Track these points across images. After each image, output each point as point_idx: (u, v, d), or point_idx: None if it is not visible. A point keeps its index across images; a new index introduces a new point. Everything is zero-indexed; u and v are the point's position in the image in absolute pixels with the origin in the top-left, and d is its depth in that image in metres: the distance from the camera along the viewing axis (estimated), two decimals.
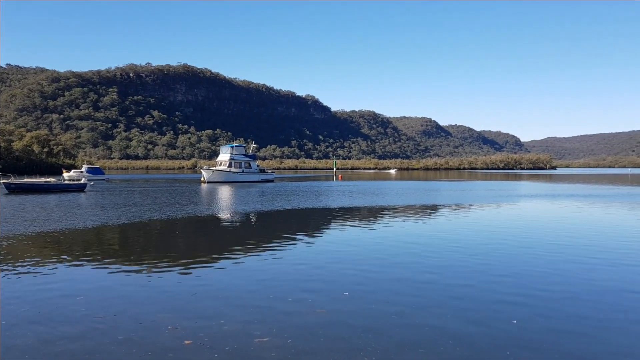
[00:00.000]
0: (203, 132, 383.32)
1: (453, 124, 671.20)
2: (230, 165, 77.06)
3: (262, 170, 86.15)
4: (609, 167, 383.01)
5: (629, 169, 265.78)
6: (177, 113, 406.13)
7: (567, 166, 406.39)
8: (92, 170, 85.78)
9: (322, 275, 12.14)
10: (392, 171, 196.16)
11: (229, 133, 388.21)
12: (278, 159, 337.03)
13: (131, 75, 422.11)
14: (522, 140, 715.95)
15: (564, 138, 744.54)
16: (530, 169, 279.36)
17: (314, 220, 24.90)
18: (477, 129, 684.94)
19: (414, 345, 7.45)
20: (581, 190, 54.11)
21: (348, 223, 23.28)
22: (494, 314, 8.97)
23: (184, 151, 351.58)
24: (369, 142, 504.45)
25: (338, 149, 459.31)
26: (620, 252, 15.44)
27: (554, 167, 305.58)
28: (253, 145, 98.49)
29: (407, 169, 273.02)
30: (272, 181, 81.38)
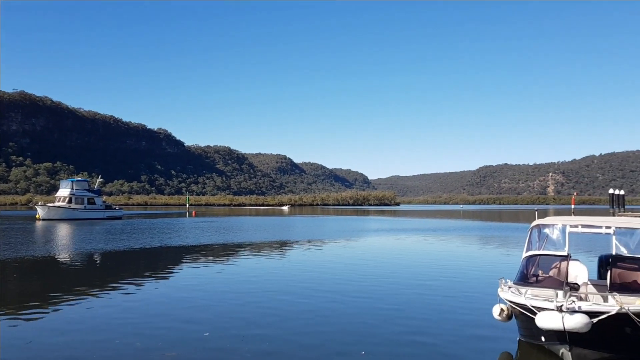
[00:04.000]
0: (41, 164, 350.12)
1: (307, 161, 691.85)
2: (70, 201, 71.03)
3: (109, 207, 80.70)
4: (445, 203, 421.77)
5: (461, 206, 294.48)
6: (10, 144, 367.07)
7: (409, 202, 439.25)
8: None
9: (172, 316, 11.53)
10: (285, 208, 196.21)
11: (70, 166, 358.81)
12: (126, 194, 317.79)
13: None
14: (369, 178, 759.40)
15: (406, 177, 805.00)
16: (377, 205, 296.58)
17: (164, 260, 23.83)
18: (329, 166, 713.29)
19: None
20: (422, 225, 58.87)
21: (201, 261, 22.63)
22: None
23: (17, 185, 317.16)
24: (224, 178, 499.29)
25: (192, 185, 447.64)
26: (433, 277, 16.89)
27: (398, 204, 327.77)
28: (99, 180, 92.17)
29: (262, 205, 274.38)
30: (120, 218, 76.44)
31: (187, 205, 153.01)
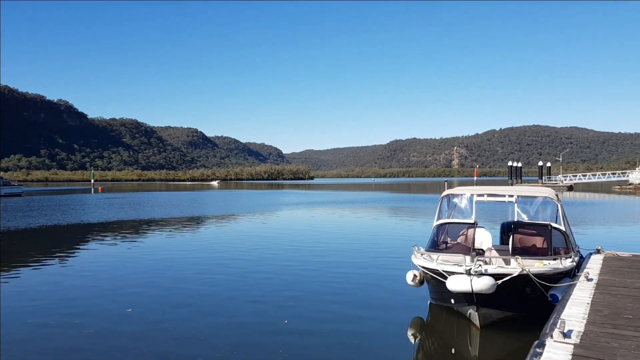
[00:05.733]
0: None
1: (219, 135, 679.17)
2: None
3: (7, 183, 75.12)
4: (357, 176, 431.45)
5: (373, 179, 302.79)
6: None
7: (323, 176, 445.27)
8: None
9: (85, 295, 11.02)
10: (215, 183, 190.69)
11: None
12: (24, 170, 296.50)
13: None
14: (284, 152, 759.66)
15: (320, 151, 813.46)
16: (291, 179, 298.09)
17: (72, 237, 22.66)
18: (243, 140, 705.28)
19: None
20: (336, 198, 60.04)
21: (112, 238, 21.75)
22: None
23: None
24: (131, 152, 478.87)
25: (96, 159, 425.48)
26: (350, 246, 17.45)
27: (312, 177, 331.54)
28: None
29: (174, 180, 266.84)
30: (19, 195, 71.39)
31: (92, 180, 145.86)
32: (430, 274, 8.86)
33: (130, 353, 7.51)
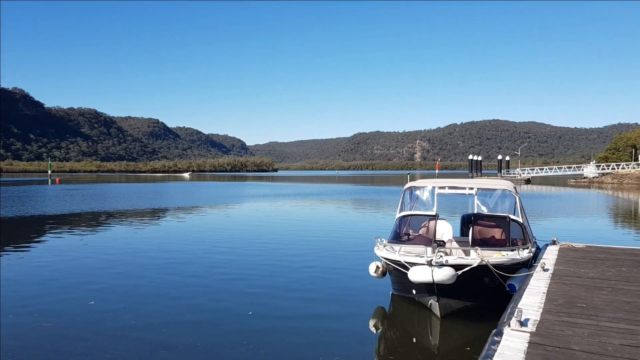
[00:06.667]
0: None
1: (181, 126, 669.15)
2: None
3: None
4: (321, 169, 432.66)
5: (337, 171, 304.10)
6: None
7: (287, 168, 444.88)
8: None
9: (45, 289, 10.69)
10: (186, 175, 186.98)
11: None
12: None
13: None
14: (247, 144, 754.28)
15: (284, 143, 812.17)
16: (255, 171, 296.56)
17: (26, 231, 21.94)
18: (206, 132, 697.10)
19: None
20: (300, 190, 60.02)
21: (71, 230, 21.17)
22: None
23: None
24: (90, 143, 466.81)
25: (54, 150, 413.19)
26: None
27: (276, 170, 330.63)
28: None
29: (134, 171, 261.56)
30: None
31: (50, 172, 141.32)
32: (393, 265, 8.95)
33: (92, 345, 7.34)
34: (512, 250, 9.26)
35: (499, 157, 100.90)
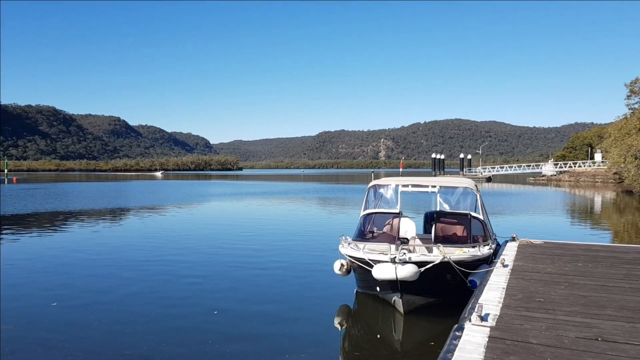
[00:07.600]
0: None
1: (144, 124, 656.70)
2: None
3: None
4: (286, 167, 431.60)
5: (302, 170, 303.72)
6: None
7: (252, 167, 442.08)
8: None
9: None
10: (158, 173, 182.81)
11: None
12: None
13: None
14: (211, 142, 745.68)
15: (249, 141, 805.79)
16: (220, 169, 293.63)
17: None
18: (169, 130, 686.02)
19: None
20: (265, 189, 59.78)
21: (29, 231, 20.54)
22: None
23: None
24: (48, 141, 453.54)
25: (10, 148, 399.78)
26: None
27: (241, 168, 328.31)
28: None
29: (95, 170, 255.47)
30: None
31: (6, 171, 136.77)
32: (357, 262, 9.00)
33: (55, 346, 7.16)
34: (473, 247, 9.43)
35: (461, 155, 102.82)
